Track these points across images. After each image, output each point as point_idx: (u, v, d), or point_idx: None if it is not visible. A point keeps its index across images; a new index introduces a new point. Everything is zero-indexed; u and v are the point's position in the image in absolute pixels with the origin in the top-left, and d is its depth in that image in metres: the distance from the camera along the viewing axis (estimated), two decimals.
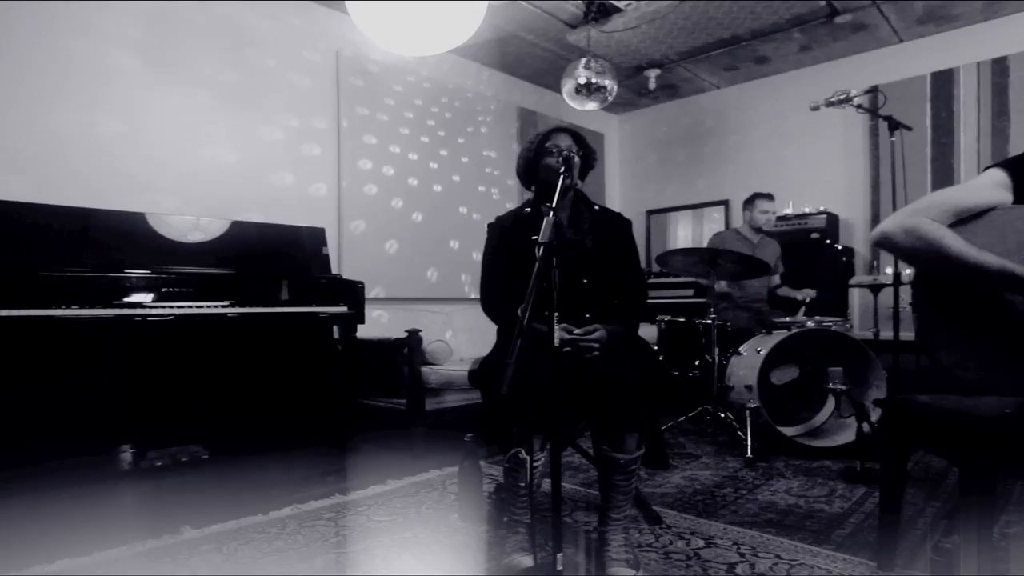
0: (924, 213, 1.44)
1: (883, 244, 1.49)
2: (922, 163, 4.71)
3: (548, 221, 1.49)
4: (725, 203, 5.91)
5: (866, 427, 2.90)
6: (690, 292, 5.14)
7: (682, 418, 3.63)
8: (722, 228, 5.67)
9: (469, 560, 1.95)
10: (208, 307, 2.97)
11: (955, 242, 1.37)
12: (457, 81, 5.06)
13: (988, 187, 1.46)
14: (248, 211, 3.75)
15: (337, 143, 4.26)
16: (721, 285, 4.11)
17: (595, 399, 1.82)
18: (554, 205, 1.58)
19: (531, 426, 1.78)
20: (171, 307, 2.88)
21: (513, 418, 1.80)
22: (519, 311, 1.36)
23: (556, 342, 1.47)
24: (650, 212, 6.44)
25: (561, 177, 1.71)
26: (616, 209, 2.28)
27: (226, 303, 3.04)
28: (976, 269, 1.35)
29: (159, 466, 2.94)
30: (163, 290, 2.91)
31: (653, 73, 5.35)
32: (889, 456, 1.83)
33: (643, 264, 5.90)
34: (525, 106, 5.62)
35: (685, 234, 6.22)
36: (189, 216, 3.35)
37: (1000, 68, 4.41)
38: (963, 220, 1.44)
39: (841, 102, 3.19)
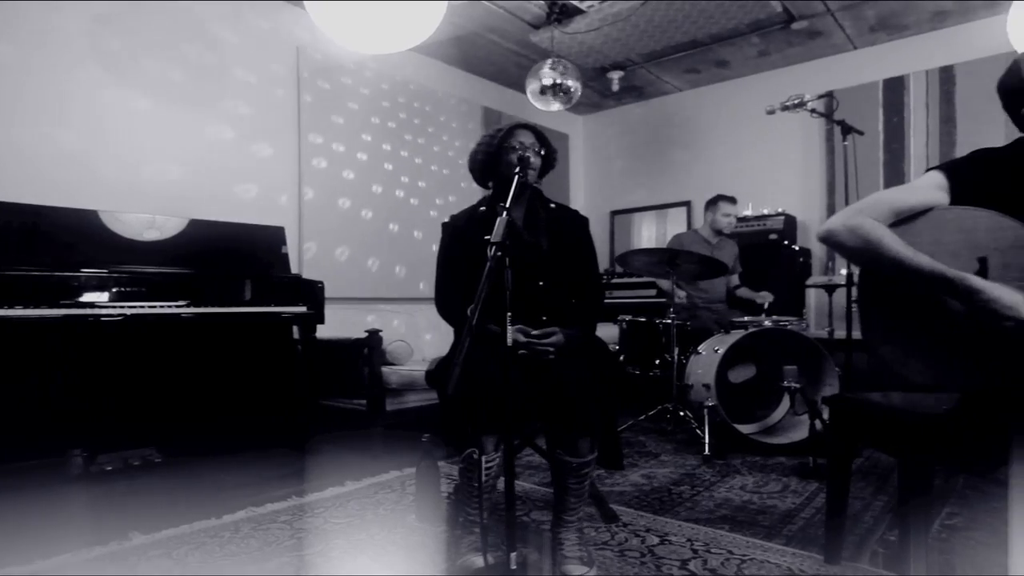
0: (867, 212, 1.48)
1: (827, 241, 1.53)
2: (875, 167, 4.84)
3: (501, 220, 1.49)
4: (687, 204, 5.99)
5: (818, 424, 2.98)
6: (652, 292, 5.19)
7: (642, 417, 3.66)
8: (685, 228, 5.75)
9: (425, 560, 1.95)
10: (161, 307, 2.90)
11: (893, 243, 1.42)
12: (420, 80, 5.04)
13: (927, 188, 1.51)
14: (206, 210, 3.66)
15: (297, 141, 4.20)
16: (680, 296, 4.17)
17: (549, 403, 1.83)
18: (508, 204, 1.58)
19: (484, 426, 1.77)
20: (123, 307, 2.80)
21: (467, 418, 1.79)
22: (468, 311, 1.36)
23: (509, 343, 1.47)
24: (614, 212, 6.49)
25: (516, 176, 1.72)
26: (581, 210, 2.28)
27: (181, 303, 2.97)
28: (912, 270, 1.39)
29: (110, 470, 2.86)
30: (115, 289, 2.84)
31: (616, 75, 5.40)
32: (835, 451, 1.88)
33: (606, 264, 5.97)
34: (489, 105, 5.62)
35: (649, 234, 6.28)
36: (144, 214, 3.27)
37: (947, 76, 4.57)
38: (904, 219, 1.49)
39: (796, 106, 3.27)
